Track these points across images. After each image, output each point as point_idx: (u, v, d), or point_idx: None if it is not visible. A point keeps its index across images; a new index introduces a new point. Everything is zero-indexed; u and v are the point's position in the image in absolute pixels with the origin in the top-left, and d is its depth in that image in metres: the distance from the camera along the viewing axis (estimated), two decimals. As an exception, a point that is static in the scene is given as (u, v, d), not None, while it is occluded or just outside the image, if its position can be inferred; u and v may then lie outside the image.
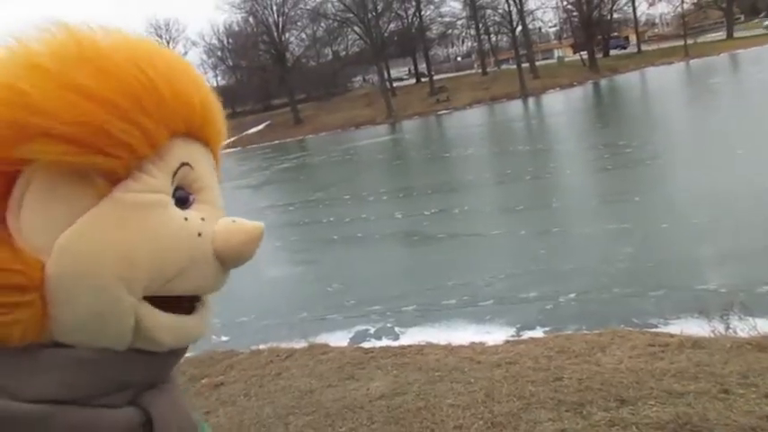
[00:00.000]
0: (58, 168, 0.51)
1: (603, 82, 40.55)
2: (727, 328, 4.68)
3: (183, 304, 0.59)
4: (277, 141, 44.06)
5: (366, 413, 3.81)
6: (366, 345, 5.84)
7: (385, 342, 5.98)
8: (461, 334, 5.73)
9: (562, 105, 31.03)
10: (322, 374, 4.67)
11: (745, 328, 4.54)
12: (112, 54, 0.54)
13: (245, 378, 4.97)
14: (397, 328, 6.47)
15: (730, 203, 8.61)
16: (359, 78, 71.17)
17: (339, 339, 6.22)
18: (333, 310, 7.45)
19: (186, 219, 0.57)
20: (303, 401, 4.21)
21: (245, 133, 51.94)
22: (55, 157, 0.50)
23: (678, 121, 18.51)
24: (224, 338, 6.77)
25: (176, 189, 0.58)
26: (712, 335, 4.47)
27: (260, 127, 54.33)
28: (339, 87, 61.71)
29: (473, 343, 5.08)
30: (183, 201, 0.58)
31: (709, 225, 7.94)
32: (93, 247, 0.52)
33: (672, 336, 4.48)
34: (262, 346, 5.81)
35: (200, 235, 0.58)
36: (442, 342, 5.10)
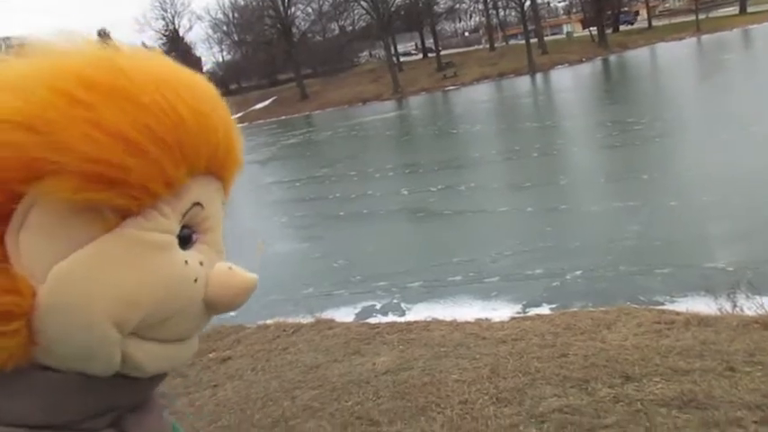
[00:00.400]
0: (71, 202, 0.49)
1: (613, 58, 40.06)
2: (734, 306, 4.67)
3: None
4: (283, 117, 43.90)
5: (372, 388, 3.84)
6: (372, 320, 5.88)
7: (391, 318, 6.01)
8: (467, 310, 5.75)
9: (570, 81, 30.71)
10: (328, 349, 4.71)
11: (752, 306, 4.53)
12: (145, 86, 0.51)
13: (252, 352, 5.01)
14: (402, 304, 6.50)
15: (739, 181, 8.53)
16: (365, 53, 70.53)
17: (345, 315, 6.26)
18: (339, 285, 7.48)
19: (186, 262, 0.54)
20: (309, 376, 4.25)
21: (251, 109, 51.77)
22: (66, 194, 0.48)
23: (688, 98, 18.30)
24: (231, 313, 6.81)
25: (182, 227, 0.55)
26: (719, 313, 4.46)
27: (266, 102, 54.12)
28: (345, 62, 61.21)
29: (479, 319, 5.09)
30: (185, 240, 0.55)
31: (717, 203, 7.89)
32: (88, 282, 0.50)
33: (678, 313, 4.47)
34: (268, 321, 5.85)
35: (195, 281, 0.55)
36: (448, 318, 5.12)
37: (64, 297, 0.49)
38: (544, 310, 5.60)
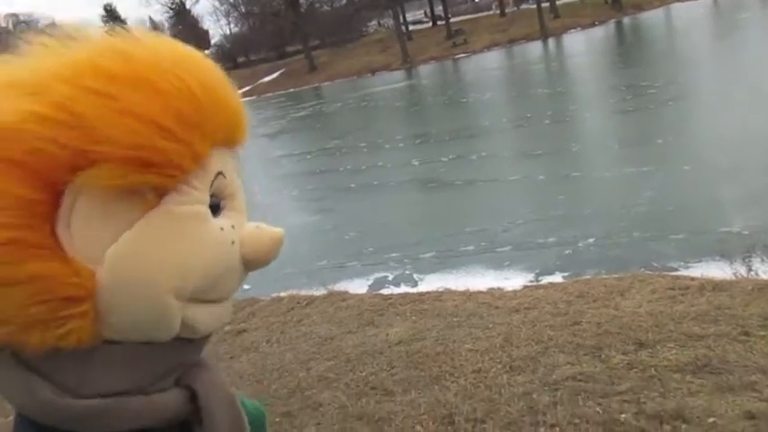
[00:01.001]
0: (114, 188, 0.53)
1: (626, 20, 39.21)
2: (749, 270, 4.63)
3: None
4: (292, 89, 43.63)
5: (386, 358, 3.87)
6: (385, 291, 5.90)
7: (403, 289, 6.03)
8: (480, 280, 5.75)
9: (583, 46, 30.15)
10: (342, 321, 4.75)
11: (767, 269, 4.49)
12: (161, 72, 0.55)
13: (267, 325, 5.07)
14: (415, 275, 6.51)
15: (754, 144, 8.39)
16: (374, 23, 69.62)
17: (358, 287, 6.29)
18: (351, 257, 7.50)
19: (222, 228, 0.60)
20: (324, 347, 4.30)
21: (259, 82, 51.48)
22: (110, 181, 0.52)
23: (704, 60, 17.93)
24: (245, 286, 6.85)
25: (211, 197, 0.60)
26: (734, 277, 4.43)
27: (274, 75, 53.76)
28: (354, 33, 60.45)
29: (491, 288, 5.09)
30: (215, 208, 0.61)
31: (732, 167, 7.77)
32: (144, 258, 0.54)
33: (692, 279, 4.44)
34: (282, 294, 5.90)
35: (233, 243, 0.61)
36: (461, 288, 5.13)
37: (124, 274, 0.54)
38: (557, 278, 5.59)
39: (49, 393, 0.54)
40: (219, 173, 0.60)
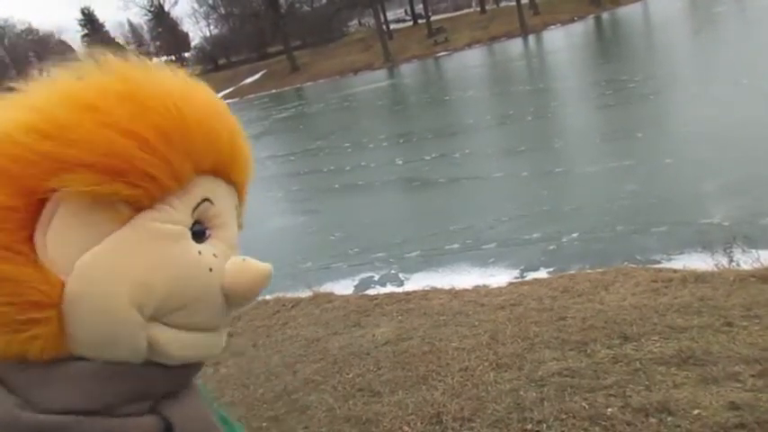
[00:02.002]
0: (86, 196, 0.53)
1: (605, 15, 39.54)
2: (731, 261, 4.68)
3: None
4: (274, 90, 43.46)
5: (372, 359, 3.86)
6: (370, 292, 5.89)
7: (389, 289, 6.03)
8: (465, 278, 5.76)
9: (563, 42, 30.35)
10: (328, 323, 4.72)
11: (749, 260, 4.54)
12: (152, 93, 0.57)
13: (253, 328, 5.03)
14: (400, 275, 6.51)
15: (733, 136, 8.49)
16: (354, 22, 69.54)
17: (344, 288, 6.27)
18: (336, 258, 7.48)
19: (200, 252, 0.59)
20: (310, 350, 4.27)
21: (241, 83, 51.22)
22: (85, 187, 0.52)
23: (681, 54, 18.11)
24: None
25: (195, 223, 0.60)
26: (715, 269, 4.47)
27: (256, 76, 53.51)
28: (335, 33, 60.34)
29: (477, 286, 5.10)
30: (199, 235, 0.60)
31: (712, 159, 7.86)
32: (110, 270, 0.54)
33: (675, 271, 4.48)
34: (268, 297, 5.86)
35: (210, 270, 0.59)
36: (446, 286, 5.13)
37: (88, 286, 0.54)
38: (542, 274, 5.61)
39: (11, 406, 0.54)
40: (206, 199, 0.60)
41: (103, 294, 0.54)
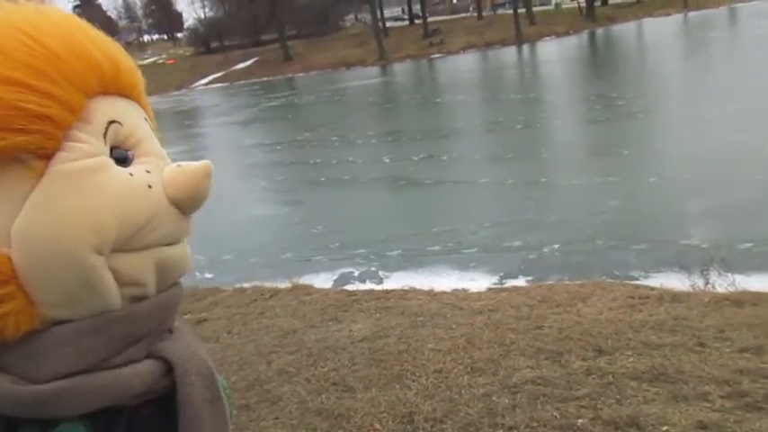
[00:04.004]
0: None
1: (600, 31, 39.91)
2: (707, 283, 4.75)
3: None
4: (266, 78, 43.16)
5: (348, 354, 3.85)
6: (350, 287, 5.88)
7: (369, 285, 6.02)
8: (445, 280, 5.77)
9: (557, 54, 30.56)
10: (305, 315, 4.71)
11: (724, 283, 4.61)
12: (7, 31, 0.53)
13: (229, 315, 5.00)
14: (381, 272, 6.51)
15: (718, 160, 8.62)
16: (351, 17, 69.35)
17: (323, 281, 6.25)
18: (317, 251, 7.46)
19: (131, 174, 0.57)
20: (286, 341, 4.25)
21: (232, 68, 50.79)
22: None
23: (673, 75, 18.34)
24: (208, 275, 6.78)
25: (112, 149, 0.57)
26: (691, 289, 4.54)
27: (248, 63, 53.10)
28: (331, 25, 60.10)
29: (456, 289, 5.12)
30: (122, 159, 0.58)
31: (695, 181, 7.97)
32: (50, 225, 0.52)
33: (652, 289, 4.54)
34: (246, 285, 5.83)
35: (150, 187, 0.58)
36: (426, 287, 5.13)
37: (33, 249, 0.51)
38: (521, 282, 5.64)
39: (6, 383, 0.53)
40: (112, 122, 0.57)
41: (53, 251, 0.52)
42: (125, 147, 0.59)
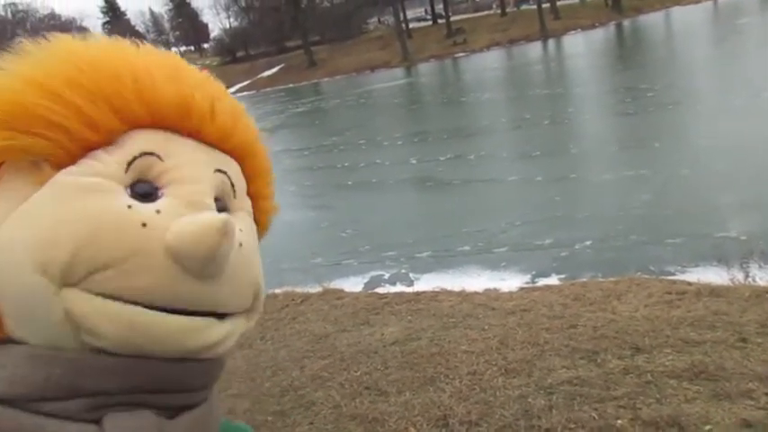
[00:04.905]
0: (12, 159, 0.51)
1: (626, 23, 39.24)
2: (747, 276, 4.61)
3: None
4: (291, 85, 43.54)
5: (380, 358, 3.85)
6: (380, 290, 5.88)
7: (399, 288, 6.00)
8: (476, 280, 5.73)
9: (583, 47, 30.16)
10: (337, 319, 4.72)
11: (765, 276, 4.49)
12: (73, 49, 0.53)
13: (261, 321, 5.03)
14: (411, 275, 6.48)
15: (753, 149, 8.38)
16: (374, 20, 69.50)
17: (354, 285, 6.26)
18: (347, 255, 7.47)
19: (130, 206, 0.50)
20: (318, 345, 4.27)
21: (258, 76, 51.37)
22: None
23: (703, 65, 17.93)
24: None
25: (138, 182, 0.52)
26: (731, 283, 4.42)
27: (274, 70, 53.66)
28: (354, 30, 60.34)
29: (487, 290, 5.07)
30: (145, 195, 0.52)
31: (730, 172, 7.76)
32: (13, 232, 0.49)
33: (689, 284, 4.43)
34: (277, 291, 5.87)
35: (144, 225, 0.49)
36: (457, 288, 5.10)
37: (1, 256, 0.49)
38: (553, 280, 5.56)
39: None
40: (148, 153, 0.53)
41: (7, 261, 0.48)
42: (157, 183, 0.53)
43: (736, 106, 11.20)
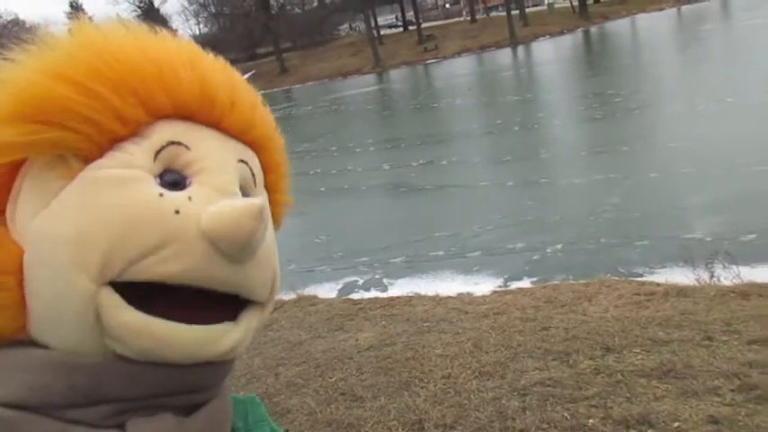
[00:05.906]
0: (39, 153, 0.50)
1: (593, 29, 39.98)
2: (712, 276, 4.73)
3: (201, 310, 0.52)
4: (262, 91, 42.14)
5: (355, 363, 3.85)
6: (354, 296, 5.88)
7: (373, 293, 6.01)
8: (449, 285, 5.77)
9: (552, 54, 30.63)
10: (311, 326, 4.70)
11: (729, 276, 4.60)
12: (95, 40, 0.53)
13: (235, 330, 4.99)
14: (385, 280, 6.50)
15: (717, 153, 8.61)
16: (345, 26, 69.60)
17: (327, 291, 6.25)
18: (321, 261, 7.46)
19: (161, 195, 0.51)
20: (293, 352, 4.25)
21: (229, 83, 50.93)
22: (18, 138, 0.49)
23: (668, 70, 18.35)
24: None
25: (166, 171, 0.53)
26: (697, 283, 4.53)
27: (244, 77, 53.02)
28: (325, 36, 60.34)
29: (461, 294, 5.11)
30: (174, 183, 0.52)
31: (696, 174, 7.96)
32: (47, 230, 0.49)
33: (657, 285, 4.53)
34: (251, 299, 5.81)
35: (177, 212, 0.50)
36: (430, 293, 5.13)
37: (35, 252, 0.49)
38: (525, 283, 5.63)
39: None
40: (174, 142, 0.53)
41: (42, 258, 0.48)
42: (185, 172, 0.53)
43: (700, 110, 11.50)
